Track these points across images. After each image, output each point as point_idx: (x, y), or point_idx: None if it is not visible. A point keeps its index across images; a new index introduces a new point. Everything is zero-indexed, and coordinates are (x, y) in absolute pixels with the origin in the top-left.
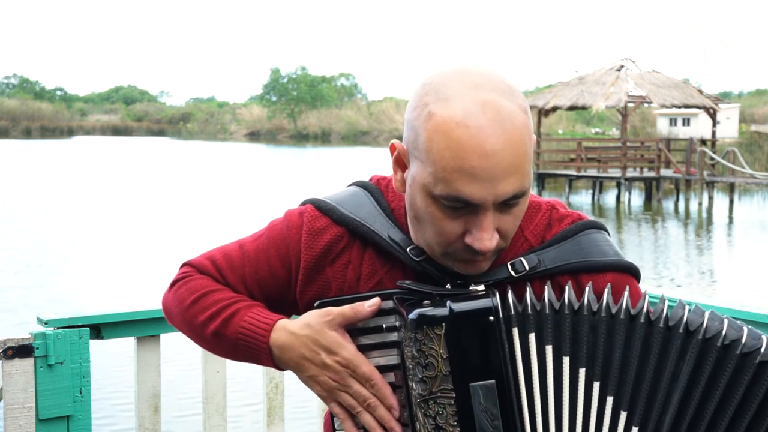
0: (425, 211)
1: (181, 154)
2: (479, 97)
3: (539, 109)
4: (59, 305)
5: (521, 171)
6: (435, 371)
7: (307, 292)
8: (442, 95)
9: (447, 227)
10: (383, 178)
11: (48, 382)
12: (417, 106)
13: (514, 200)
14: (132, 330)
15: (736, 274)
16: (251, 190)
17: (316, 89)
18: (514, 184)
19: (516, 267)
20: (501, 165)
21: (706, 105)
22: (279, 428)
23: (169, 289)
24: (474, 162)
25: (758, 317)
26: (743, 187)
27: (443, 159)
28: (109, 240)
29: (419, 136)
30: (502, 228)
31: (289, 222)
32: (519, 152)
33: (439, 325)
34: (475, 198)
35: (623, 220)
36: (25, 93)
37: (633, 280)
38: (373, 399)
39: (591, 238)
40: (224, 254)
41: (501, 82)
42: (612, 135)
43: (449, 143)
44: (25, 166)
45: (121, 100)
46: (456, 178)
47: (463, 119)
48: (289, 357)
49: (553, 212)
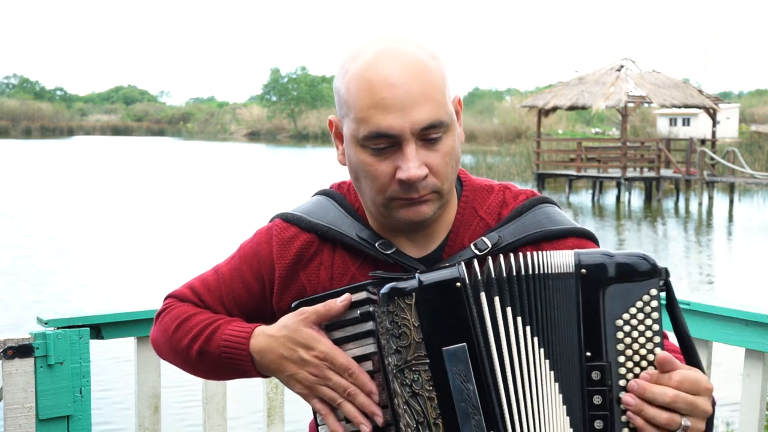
0: (358, 162)
1: (181, 154)
2: (386, 46)
3: (539, 109)
4: (59, 305)
5: (433, 101)
6: (408, 340)
7: (284, 300)
8: (355, 55)
9: (378, 170)
10: (343, 182)
11: (48, 382)
12: (338, 72)
13: (433, 130)
14: (132, 330)
15: (736, 274)
16: (251, 190)
17: (316, 89)
18: (428, 112)
19: (479, 246)
20: (410, 94)
21: (706, 105)
22: (279, 428)
23: (155, 323)
24: (384, 93)
25: (758, 317)
26: (743, 187)
27: (359, 100)
28: (109, 240)
29: (341, 94)
30: (430, 163)
31: (259, 238)
32: (427, 81)
33: (409, 295)
34: (393, 128)
35: (623, 220)
36: (25, 93)
37: (593, 245)
38: (353, 387)
39: (545, 211)
40: (201, 280)
41: (411, 40)
42: (612, 135)
43: (362, 85)
44: (25, 166)
45: (121, 100)
46: (372, 114)
47: (371, 63)
48: (270, 359)
49: (506, 192)
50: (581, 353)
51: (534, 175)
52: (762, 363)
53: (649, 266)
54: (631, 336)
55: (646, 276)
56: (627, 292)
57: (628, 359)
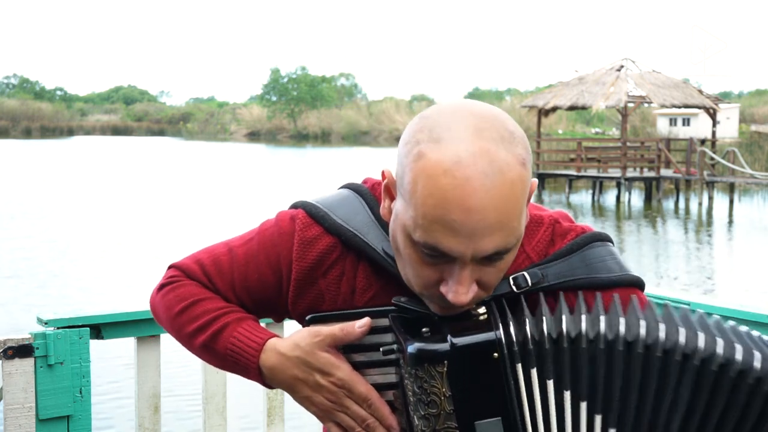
0: (404, 251)
1: (181, 154)
2: (473, 145)
3: (539, 109)
4: (59, 305)
5: (507, 228)
6: (438, 409)
7: (300, 304)
8: (435, 135)
9: (424, 273)
10: (378, 183)
11: (48, 382)
12: (409, 141)
13: (497, 256)
14: (132, 330)
15: (736, 274)
16: (251, 190)
17: (316, 89)
18: (497, 241)
19: (518, 282)
20: (484, 222)
21: (706, 105)
22: (279, 428)
23: (156, 291)
24: (455, 216)
25: (758, 317)
26: (743, 187)
27: (425, 206)
28: (109, 240)
29: (406, 175)
30: (483, 280)
31: (281, 227)
32: (507, 208)
33: (441, 363)
34: (453, 252)
35: (623, 220)
36: (25, 93)
37: (640, 294)
38: (372, 419)
39: (596, 253)
40: (213, 258)
41: (502, 127)
42: (612, 135)
43: (433, 191)
44: (25, 166)
45: (121, 100)
46: (435, 229)
47: (450, 167)
48: (281, 378)
49: (556, 227)
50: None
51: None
52: None
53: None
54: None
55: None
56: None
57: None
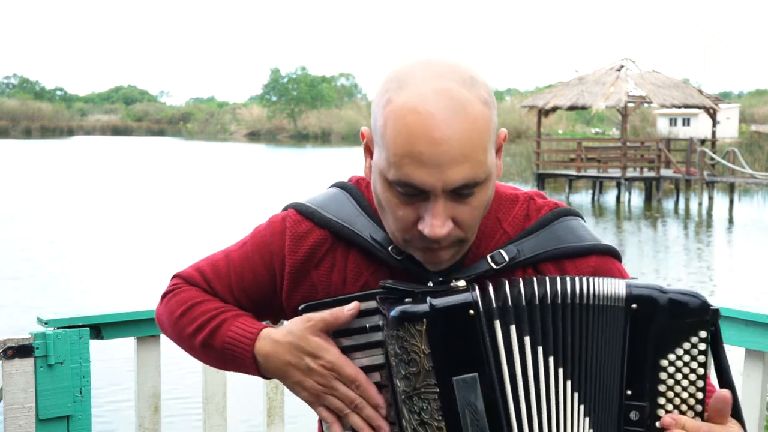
0: (383, 196)
1: (181, 154)
2: (436, 85)
3: (539, 109)
4: (59, 305)
5: (474, 160)
6: (418, 367)
7: (294, 298)
8: (402, 83)
9: (402, 213)
10: (362, 178)
11: (48, 382)
12: (380, 93)
13: (466, 189)
14: (132, 330)
15: (736, 274)
16: (251, 190)
17: (316, 89)
18: (465, 172)
19: (496, 259)
20: (450, 153)
21: (706, 105)
22: (279, 428)
23: (160, 301)
24: (422, 148)
25: (758, 317)
26: (743, 187)
27: (395, 144)
28: (109, 240)
29: (378, 122)
30: (458, 217)
31: (273, 228)
32: (471, 141)
33: (420, 321)
34: (424, 184)
35: (623, 220)
36: (25, 93)
37: (616, 262)
38: (360, 400)
39: (567, 225)
40: (211, 264)
41: (465, 72)
42: (612, 135)
43: (401, 129)
44: (25, 166)
45: (121, 100)
46: (405, 163)
47: (415, 106)
48: (275, 365)
49: (530, 203)
50: (622, 391)
51: (534, 175)
52: (762, 363)
53: (702, 306)
54: (674, 378)
55: (696, 316)
56: (676, 332)
57: (668, 401)
